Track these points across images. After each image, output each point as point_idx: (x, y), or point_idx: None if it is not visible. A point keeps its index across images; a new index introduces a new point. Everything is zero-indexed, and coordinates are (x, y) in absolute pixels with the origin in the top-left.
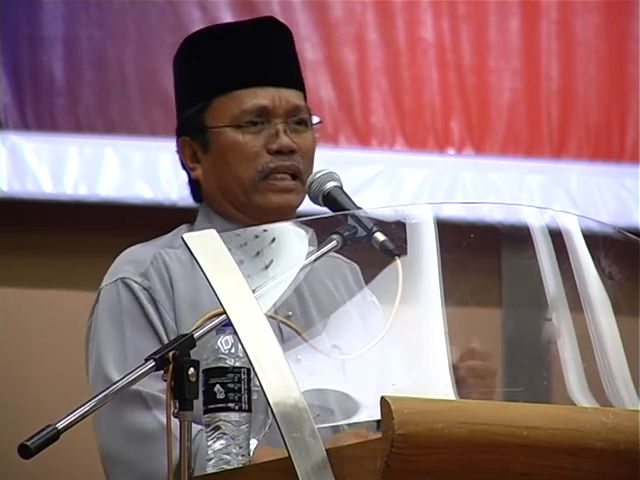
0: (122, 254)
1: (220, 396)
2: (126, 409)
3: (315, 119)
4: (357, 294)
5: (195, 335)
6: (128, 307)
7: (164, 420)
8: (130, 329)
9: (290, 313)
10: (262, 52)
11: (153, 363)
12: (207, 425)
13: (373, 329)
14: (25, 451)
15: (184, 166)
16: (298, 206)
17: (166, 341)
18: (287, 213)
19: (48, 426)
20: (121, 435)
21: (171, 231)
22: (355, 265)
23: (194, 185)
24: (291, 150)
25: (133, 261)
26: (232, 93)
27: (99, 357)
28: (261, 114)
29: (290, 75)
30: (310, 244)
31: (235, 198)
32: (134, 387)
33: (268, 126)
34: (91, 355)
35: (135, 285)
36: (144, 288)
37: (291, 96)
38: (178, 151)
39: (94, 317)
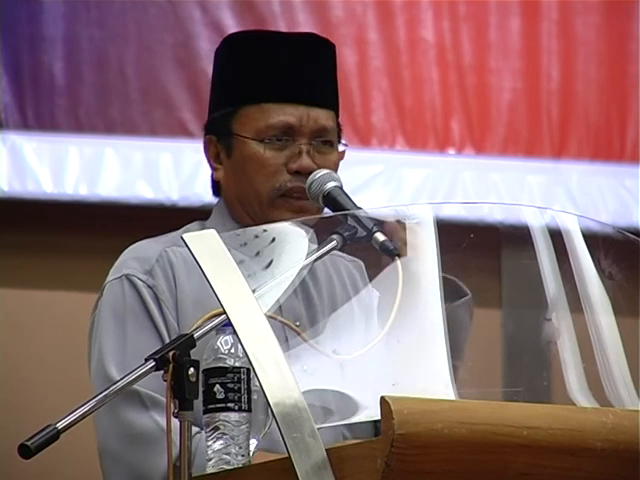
0: (129, 249)
1: (220, 396)
2: (124, 408)
3: (341, 147)
4: (362, 292)
5: (195, 335)
6: (131, 304)
7: (161, 421)
8: (132, 327)
9: (298, 323)
10: (297, 68)
11: (153, 363)
12: (207, 425)
13: (373, 329)
14: (25, 451)
15: (208, 162)
16: None
17: (167, 340)
18: None
19: (48, 426)
20: (118, 434)
21: (178, 229)
22: (360, 262)
23: (215, 182)
24: (310, 172)
25: (139, 258)
26: (261, 105)
27: (100, 354)
28: (287, 132)
29: (323, 94)
30: (310, 244)
31: (251, 208)
32: (133, 386)
33: (292, 144)
34: (93, 351)
35: (140, 282)
36: (148, 286)
37: (320, 116)
38: (204, 148)
39: (97, 312)
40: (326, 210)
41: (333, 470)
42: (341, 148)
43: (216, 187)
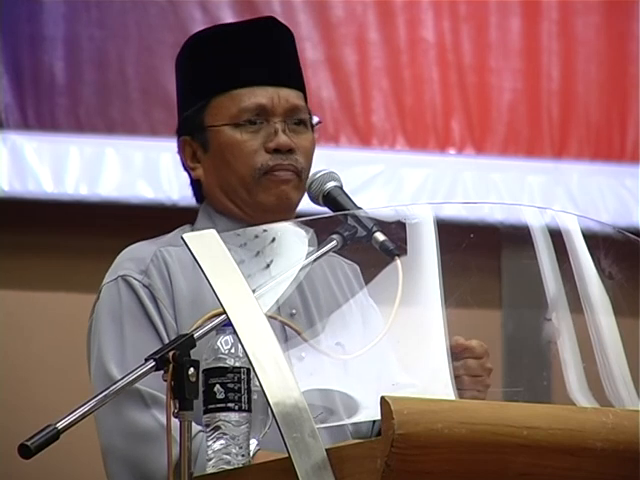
0: (123, 252)
1: (220, 396)
2: (125, 407)
3: (315, 119)
4: (359, 294)
5: (195, 335)
6: (128, 304)
7: (162, 419)
8: (130, 326)
9: (294, 311)
10: (261, 52)
11: (153, 363)
12: (207, 425)
13: (373, 329)
14: (25, 451)
15: (185, 166)
16: (296, 203)
17: (166, 339)
18: (286, 208)
19: (48, 426)
20: (120, 433)
21: (172, 231)
22: (356, 266)
23: (195, 185)
24: (289, 149)
25: (134, 259)
26: (230, 92)
27: (100, 355)
28: (260, 113)
29: (290, 75)
30: (310, 244)
31: (236, 195)
32: (134, 385)
33: (267, 125)
34: (92, 353)
35: (135, 282)
36: (144, 285)
37: (290, 96)
38: (179, 151)
39: (95, 314)
40: (326, 210)
41: (333, 470)
42: (315, 120)
43: (197, 191)
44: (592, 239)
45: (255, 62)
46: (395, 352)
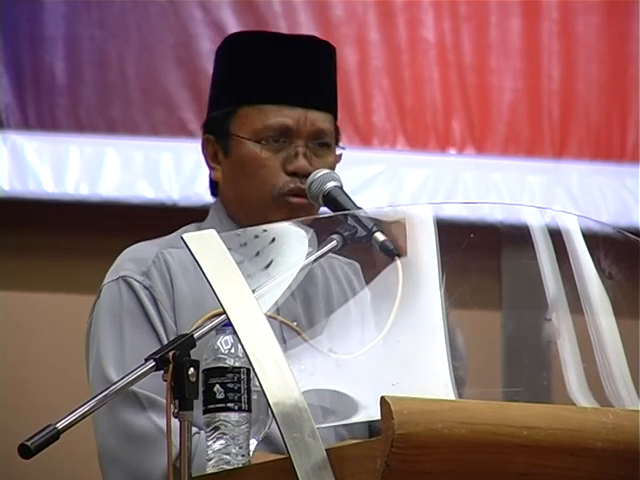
0: (125, 251)
1: (220, 396)
2: (121, 409)
3: (339, 148)
4: (360, 292)
5: (195, 335)
6: (128, 305)
7: (158, 421)
8: (129, 328)
9: (295, 323)
10: (297, 70)
11: (153, 363)
12: (207, 425)
13: (373, 329)
14: (25, 451)
15: (206, 160)
16: None
17: (165, 341)
18: None
19: (48, 426)
20: (116, 435)
21: (176, 230)
22: (356, 264)
23: (213, 181)
24: (306, 175)
25: (135, 259)
26: (259, 106)
27: (98, 356)
28: (283, 133)
29: (322, 97)
30: (310, 244)
31: (250, 208)
32: (130, 388)
33: (288, 146)
34: (91, 353)
35: (136, 284)
36: (145, 287)
37: (318, 119)
38: (202, 146)
39: (94, 314)
40: (326, 210)
41: (333, 470)
42: (338, 151)
43: (214, 187)
44: (592, 239)
45: (289, 81)
46: (395, 352)
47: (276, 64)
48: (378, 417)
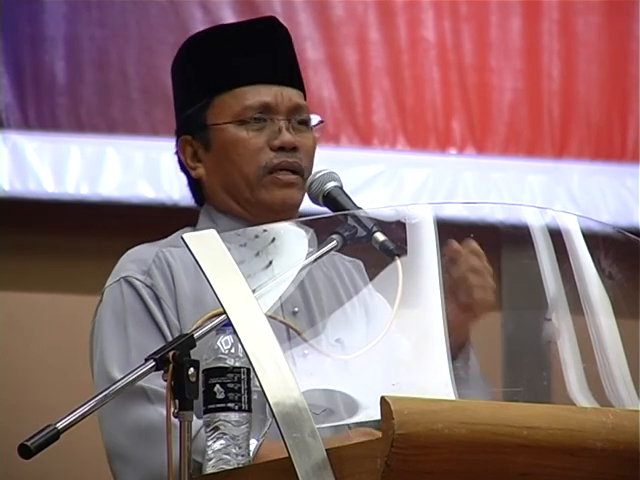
0: (126, 254)
1: (220, 396)
2: (130, 406)
3: (315, 119)
4: (363, 290)
5: (195, 335)
6: (131, 305)
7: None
8: (133, 327)
9: (296, 309)
10: (264, 51)
11: (153, 363)
12: (207, 425)
13: (373, 329)
14: (25, 451)
15: (183, 167)
16: (299, 203)
17: (170, 338)
18: (290, 209)
19: (48, 426)
20: (126, 431)
21: (173, 233)
22: (359, 262)
23: (195, 187)
24: (293, 147)
25: (136, 260)
26: (234, 90)
27: (102, 357)
28: (264, 111)
29: (292, 74)
30: (310, 244)
31: (239, 194)
32: (137, 383)
33: (271, 123)
34: (95, 355)
35: (138, 283)
36: (147, 286)
37: (293, 95)
38: (177, 152)
39: (98, 317)
40: (326, 210)
41: (333, 470)
42: (316, 119)
43: (196, 192)
44: (592, 239)
45: (258, 61)
46: (395, 352)
47: (242, 48)
48: (378, 417)
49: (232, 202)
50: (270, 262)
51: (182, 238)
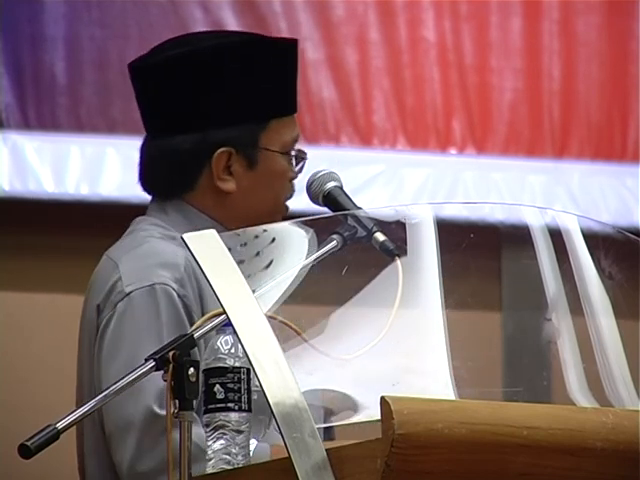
0: (146, 252)
1: (220, 396)
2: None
3: None
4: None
5: (195, 335)
6: (168, 315)
7: None
8: (167, 337)
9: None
10: (294, 77)
11: (153, 363)
12: (207, 425)
13: (373, 329)
14: (25, 451)
15: (192, 165)
16: None
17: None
18: None
19: (48, 426)
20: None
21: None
22: None
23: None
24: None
25: (167, 265)
26: (284, 119)
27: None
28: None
29: None
30: (310, 244)
31: (257, 218)
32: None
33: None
34: (117, 359)
35: (173, 293)
36: (179, 296)
37: None
38: (206, 154)
39: (126, 318)
40: (326, 210)
41: (333, 470)
42: None
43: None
44: (592, 239)
45: (293, 89)
46: (395, 352)
47: (291, 71)
48: (378, 417)
49: (238, 223)
50: (270, 262)
51: (182, 238)
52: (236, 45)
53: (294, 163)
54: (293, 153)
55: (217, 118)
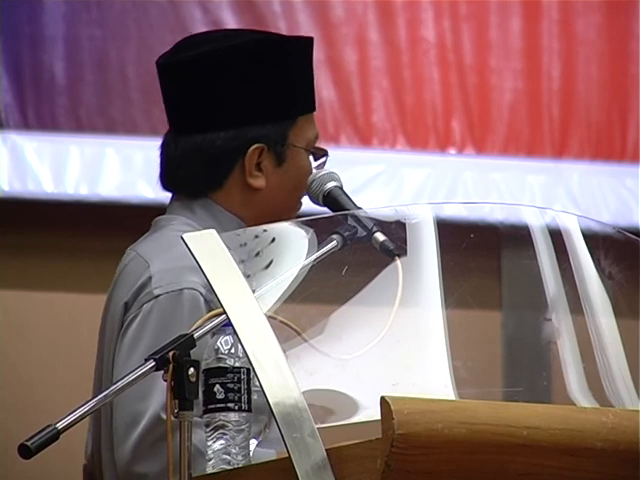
0: (179, 255)
1: (220, 396)
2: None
3: None
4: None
5: (195, 335)
6: (188, 320)
7: None
8: None
9: None
10: (313, 74)
11: (153, 363)
12: (207, 425)
13: (373, 329)
14: (25, 451)
15: (225, 162)
16: None
17: None
18: None
19: (48, 426)
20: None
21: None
22: None
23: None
24: None
25: (197, 268)
26: (309, 115)
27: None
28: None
29: None
30: (310, 244)
31: (280, 216)
32: None
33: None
34: (135, 351)
35: (200, 297)
36: (206, 301)
37: None
38: (240, 150)
39: (150, 318)
40: (326, 210)
41: (333, 470)
42: None
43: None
44: (592, 239)
45: (313, 86)
46: (395, 352)
47: (309, 69)
48: (378, 417)
49: (263, 220)
50: (270, 262)
51: (182, 238)
52: (270, 42)
53: (313, 160)
54: (314, 149)
55: (249, 114)
